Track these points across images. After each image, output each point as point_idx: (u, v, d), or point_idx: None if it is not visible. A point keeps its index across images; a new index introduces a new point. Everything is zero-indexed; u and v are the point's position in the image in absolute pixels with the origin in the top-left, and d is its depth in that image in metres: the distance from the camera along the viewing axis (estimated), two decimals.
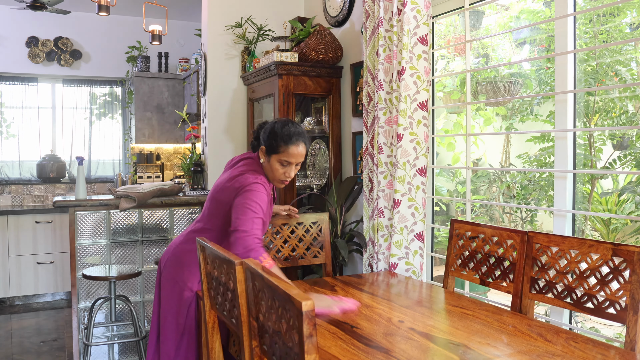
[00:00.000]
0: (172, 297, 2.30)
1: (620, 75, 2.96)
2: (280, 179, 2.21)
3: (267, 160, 2.19)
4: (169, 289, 2.32)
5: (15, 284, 5.19)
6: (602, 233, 3.24)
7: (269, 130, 2.17)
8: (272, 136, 2.15)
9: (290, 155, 2.14)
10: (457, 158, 4.21)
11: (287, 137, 2.13)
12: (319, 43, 3.51)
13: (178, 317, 2.28)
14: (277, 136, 2.14)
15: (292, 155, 2.14)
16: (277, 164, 2.17)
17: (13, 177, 5.94)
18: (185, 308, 2.28)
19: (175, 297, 2.29)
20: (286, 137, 2.13)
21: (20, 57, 5.89)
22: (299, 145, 2.15)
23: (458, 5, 2.81)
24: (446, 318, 1.87)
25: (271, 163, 2.17)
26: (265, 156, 2.20)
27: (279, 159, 2.16)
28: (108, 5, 4.35)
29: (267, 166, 2.20)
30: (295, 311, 1.16)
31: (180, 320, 2.28)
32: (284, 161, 2.15)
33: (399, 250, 2.66)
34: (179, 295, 2.28)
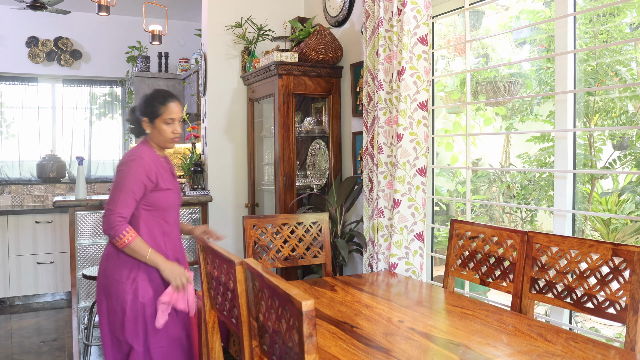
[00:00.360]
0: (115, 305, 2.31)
1: (620, 75, 2.96)
2: (170, 137, 2.37)
3: (153, 127, 2.35)
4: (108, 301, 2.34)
5: (15, 284, 5.18)
6: (602, 233, 3.24)
7: (143, 102, 2.36)
8: (148, 104, 2.34)
9: (172, 112, 2.34)
10: (457, 158, 4.21)
11: (163, 98, 2.35)
12: (319, 43, 3.51)
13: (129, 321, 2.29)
14: (154, 101, 2.35)
15: (173, 112, 2.35)
16: (163, 125, 2.35)
17: (13, 177, 5.93)
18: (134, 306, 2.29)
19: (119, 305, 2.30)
20: (162, 98, 2.35)
21: (21, 57, 5.89)
22: (174, 102, 2.38)
23: (458, 5, 2.81)
24: (446, 318, 1.87)
25: (158, 127, 2.34)
26: (150, 125, 2.35)
27: (163, 120, 2.34)
28: (108, 5, 4.35)
29: (155, 133, 2.36)
30: (295, 311, 1.16)
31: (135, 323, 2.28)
32: (168, 119, 2.34)
33: (399, 250, 2.66)
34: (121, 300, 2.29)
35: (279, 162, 3.53)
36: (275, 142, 3.59)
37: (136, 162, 2.27)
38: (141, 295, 2.27)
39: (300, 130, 3.74)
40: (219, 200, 4.10)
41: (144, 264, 2.27)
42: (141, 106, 2.37)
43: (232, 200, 4.17)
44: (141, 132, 2.41)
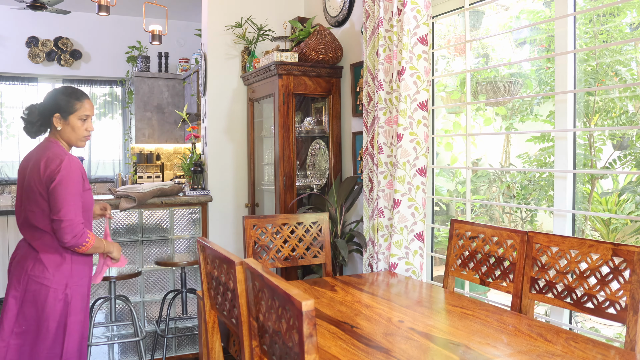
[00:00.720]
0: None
1: (620, 75, 2.96)
2: (84, 135, 2.36)
3: (65, 124, 2.31)
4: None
5: None
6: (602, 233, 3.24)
7: (56, 98, 2.31)
8: (63, 100, 2.30)
9: (87, 108, 2.34)
10: (457, 158, 4.22)
11: (79, 95, 2.34)
12: (319, 43, 3.51)
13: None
14: (70, 97, 2.32)
15: (87, 109, 2.34)
16: (78, 121, 2.32)
17: (13, 177, 5.93)
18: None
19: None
20: (78, 95, 2.34)
21: (21, 57, 5.89)
22: (88, 99, 2.39)
23: (458, 5, 2.81)
24: (446, 318, 1.87)
25: (72, 124, 2.31)
26: (62, 121, 2.31)
27: (79, 116, 2.32)
28: (108, 5, 4.35)
29: (66, 130, 2.32)
30: (295, 311, 1.16)
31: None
32: (83, 116, 2.33)
33: (399, 250, 2.66)
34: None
35: (279, 162, 3.53)
36: (275, 142, 3.59)
37: (70, 163, 2.23)
38: (72, 309, 2.25)
39: (300, 130, 3.74)
40: (219, 200, 4.10)
41: (77, 270, 2.29)
42: (54, 102, 2.31)
43: (232, 200, 4.18)
44: (44, 129, 2.38)
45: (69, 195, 2.19)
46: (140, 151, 6.33)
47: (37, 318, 2.23)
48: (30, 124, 2.36)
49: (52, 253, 2.26)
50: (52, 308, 2.22)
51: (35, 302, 2.22)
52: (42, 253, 2.25)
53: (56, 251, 2.26)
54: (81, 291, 2.33)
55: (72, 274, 2.29)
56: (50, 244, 2.26)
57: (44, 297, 2.22)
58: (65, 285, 2.26)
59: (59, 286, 2.24)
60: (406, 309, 1.94)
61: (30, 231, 2.28)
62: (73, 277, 2.29)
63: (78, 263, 2.32)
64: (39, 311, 2.22)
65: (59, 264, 2.26)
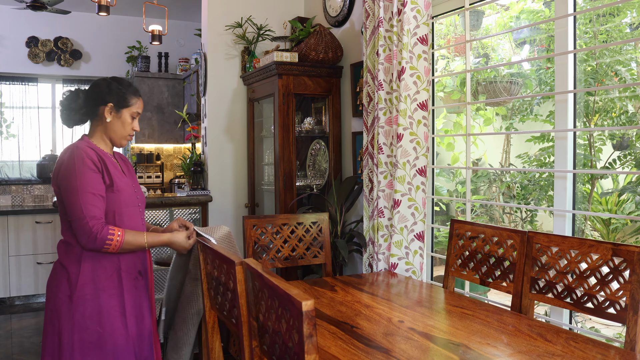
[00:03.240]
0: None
1: (620, 75, 2.96)
2: (129, 134, 2.14)
3: (116, 117, 2.07)
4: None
5: (15, 284, 5.18)
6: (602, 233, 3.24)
7: (112, 87, 2.08)
8: (120, 91, 2.09)
9: (140, 106, 2.15)
10: (457, 158, 4.22)
11: (135, 90, 2.15)
12: (319, 43, 3.51)
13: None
14: (128, 89, 2.12)
15: (141, 107, 2.16)
16: (129, 117, 2.11)
17: (13, 177, 5.93)
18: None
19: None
20: (134, 90, 2.15)
21: (21, 57, 5.89)
22: (141, 98, 2.21)
23: (458, 5, 2.81)
24: (446, 318, 1.87)
25: (123, 118, 2.08)
26: (113, 113, 2.06)
27: (131, 112, 2.11)
28: (108, 5, 4.35)
29: (116, 124, 2.08)
30: (295, 311, 1.16)
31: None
32: (135, 113, 2.12)
33: (399, 250, 2.66)
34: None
35: (279, 162, 3.53)
36: (275, 142, 3.59)
37: (76, 159, 1.94)
38: (79, 315, 1.91)
39: (300, 130, 3.74)
40: (219, 200, 4.10)
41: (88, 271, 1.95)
42: (108, 90, 2.07)
43: (232, 200, 4.18)
44: (86, 119, 2.11)
45: (74, 191, 1.90)
46: (140, 151, 6.33)
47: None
48: (71, 111, 2.08)
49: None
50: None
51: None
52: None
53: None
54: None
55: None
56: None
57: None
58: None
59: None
60: (406, 309, 1.94)
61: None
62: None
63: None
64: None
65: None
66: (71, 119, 2.10)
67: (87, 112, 2.09)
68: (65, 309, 1.92)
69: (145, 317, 2.06)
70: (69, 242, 1.98)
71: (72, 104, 2.08)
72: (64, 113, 2.09)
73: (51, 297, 1.99)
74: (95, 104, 2.07)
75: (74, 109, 2.08)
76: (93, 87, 2.09)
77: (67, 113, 2.09)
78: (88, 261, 1.95)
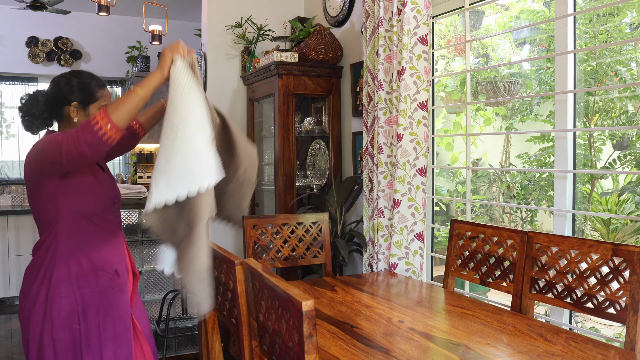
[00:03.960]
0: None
1: (620, 75, 2.96)
2: None
3: (84, 115, 1.90)
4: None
5: (16, 284, 5.18)
6: (602, 233, 3.24)
7: (72, 85, 1.90)
8: (84, 88, 1.91)
9: (107, 97, 1.96)
10: (457, 158, 4.22)
11: (99, 81, 1.97)
12: (319, 43, 3.51)
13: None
14: (91, 85, 1.93)
15: (108, 97, 1.97)
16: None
17: (13, 177, 5.93)
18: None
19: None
20: (99, 82, 1.96)
21: (21, 57, 5.89)
22: (107, 87, 2.03)
23: (458, 5, 2.81)
24: (446, 318, 1.87)
25: (91, 113, 1.91)
26: (80, 111, 1.89)
27: (99, 106, 1.91)
28: (108, 5, 4.35)
29: (86, 119, 1.83)
30: (295, 311, 1.16)
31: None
32: (103, 106, 1.86)
33: (399, 250, 2.66)
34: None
35: (279, 162, 3.53)
36: (275, 142, 3.59)
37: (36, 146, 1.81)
38: (55, 314, 1.81)
39: (300, 130, 3.74)
40: None
41: (59, 265, 1.83)
42: (69, 88, 1.89)
43: None
44: (50, 122, 1.95)
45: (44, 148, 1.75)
46: (140, 151, 6.33)
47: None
48: (33, 117, 1.91)
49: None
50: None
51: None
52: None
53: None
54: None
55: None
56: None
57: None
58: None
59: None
60: (406, 309, 1.94)
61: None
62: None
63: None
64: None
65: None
66: (34, 126, 1.93)
67: (51, 115, 1.93)
68: (39, 309, 1.83)
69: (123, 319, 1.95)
70: (43, 240, 1.88)
71: (32, 109, 1.91)
72: (26, 120, 1.92)
73: (27, 302, 1.87)
74: (57, 105, 1.90)
75: (35, 114, 1.91)
76: (53, 88, 1.92)
77: (29, 120, 1.92)
78: (62, 259, 1.85)
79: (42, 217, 1.88)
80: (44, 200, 1.85)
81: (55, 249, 1.85)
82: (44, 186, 1.83)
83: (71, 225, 1.86)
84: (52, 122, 1.96)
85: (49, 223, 1.86)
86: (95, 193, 1.92)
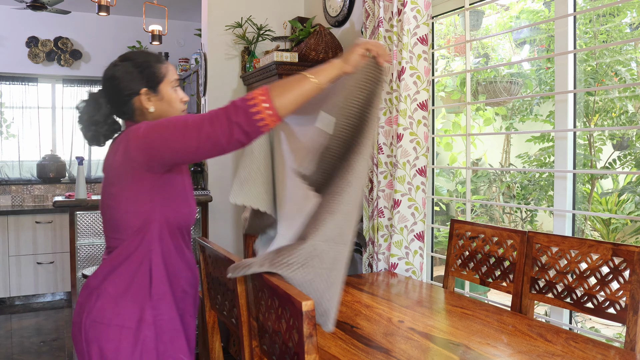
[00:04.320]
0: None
1: (620, 75, 2.96)
2: (182, 108, 1.68)
3: (158, 99, 1.62)
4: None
5: (15, 284, 5.18)
6: (602, 233, 3.24)
7: (129, 70, 1.60)
8: (145, 69, 1.61)
9: (173, 72, 1.67)
10: (456, 158, 4.22)
11: (158, 58, 1.66)
12: (319, 43, 3.51)
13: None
14: (151, 63, 1.63)
15: (174, 72, 1.67)
16: (170, 90, 1.64)
17: (13, 177, 5.93)
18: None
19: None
20: (156, 58, 1.65)
21: (20, 57, 5.89)
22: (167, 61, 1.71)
23: (458, 5, 2.81)
24: (446, 318, 1.87)
25: (165, 94, 1.62)
26: (153, 95, 1.61)
27: (170, 83, 1.64)
28: (108, 6, 4.35)
29: (162, 106, 1.63)
30: (295, 311, 1.16)
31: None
32: (173, 81, 1.65)
33: (398, 250, 2.66)
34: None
35: None
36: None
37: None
38: (161, 345, 1.52)
39: None
40: (219, 200, 4.10)
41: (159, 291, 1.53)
42: (129, 76, 1.59)
43: None
44: (118, 127, 1.68)
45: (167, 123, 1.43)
46: None
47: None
48: (98, 125, 1.62)
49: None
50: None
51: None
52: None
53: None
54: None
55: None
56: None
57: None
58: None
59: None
60: (406, 309, 1.94)
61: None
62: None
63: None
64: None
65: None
66: (101, 135, 1.64)
67: (118, 114, 1.64)
68: (129, 338, 1.48)
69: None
70: (129, 252, 1.53)
71: (95, 115, 1.62)
72: (90, 130, 1.63)
73: (110, 332, 1.49)
74: (123, 100, 1.60)
75: (99, 121, 1.62)
76: (110, 82, 1.61)
77: (94, 129, 1.62)
78: (158, 275, 1.54)
79: (123, 224, 1.52)
80: (131, 201, 1.50)
81: (149, 262, 1.53)
82: (138, 183, 1.49)
83: (161, 235, 1.55)
84: (119, 124, 1.67)
85: (135, 231, 1.52)
86: (188, 200, 1.62)
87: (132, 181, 1.49)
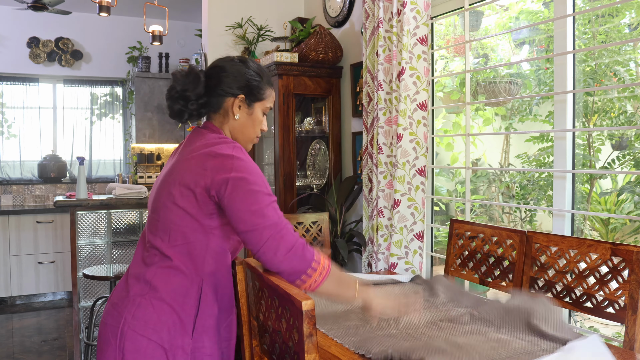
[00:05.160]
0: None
1: (618, 75, 2.97)
2: (257, 135, 1.62)
3: (247, 113, 1.56)
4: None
5: (17, 284, 5.20)
6: (601, 233, 3.24)
7: (243, 72, 1.55)
8: (254, 81, 1.56)
9: (272, 100, 1.62)
10: (456, 158, 4.22)
11: (269, 80, 1.61)
12: (319, 43, 3.52)
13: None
14: (262, 80, 1.58)
15: (272, 100, 1.62)
16: (261, 113, 1.59)
17: (14, 177, 5.95)
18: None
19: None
20: (268, 79, 1.61)
21: (22, 58, 5.90)
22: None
23: (458, 5, 2.82)
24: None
25: (255, 114, 1.58)
26: (245, 107, 1.56)
27: (264, 107, 1.60)
28: (109, 6, 4.36)
29: (245, 122, 1.57)
30: (295, 310, 1.17)
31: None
32: (267, 108, 1.61)
33: (398, 249, 2.67)
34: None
35: (279, 162, 3.54)
36: (275, 142, 3.59)
37: (249, 159, 1.46)
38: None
39: (300, 131, 3.75)
40: None
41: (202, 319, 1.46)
42: (242, 77, 1.54)
43: None
44: (204, 112, 1.57)
45: (254, 192, 1.40)
46: (140, 151, 6.34)
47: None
48: (187, 101, 1.52)
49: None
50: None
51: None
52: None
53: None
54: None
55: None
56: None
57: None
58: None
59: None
60: None
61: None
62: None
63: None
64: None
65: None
66: (186, 112, 1.54)
67: (207, 103, 1.55)
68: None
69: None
70: (180, 268, 1.44)
71: (188, 91, 1.51)
72: (179, 104, 1.52)
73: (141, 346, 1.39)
74: (219, 93, 1.53)
75: (190, 98, 1.51)
76: (219, 72, 1.54)
77: (183, 104, 1.52)
78: (208, 300, 1.46)
79: (177, 230, 1.45)
80: (192, 213, 1.45)
81: (200, 285, 1.46)
82: (203, 208, 1.44)
83: (216, 257, 1.49)
84: (204, 112, 1.58)
85: (198, 253, 1.46)
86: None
87: (197, 201, 1.44)
